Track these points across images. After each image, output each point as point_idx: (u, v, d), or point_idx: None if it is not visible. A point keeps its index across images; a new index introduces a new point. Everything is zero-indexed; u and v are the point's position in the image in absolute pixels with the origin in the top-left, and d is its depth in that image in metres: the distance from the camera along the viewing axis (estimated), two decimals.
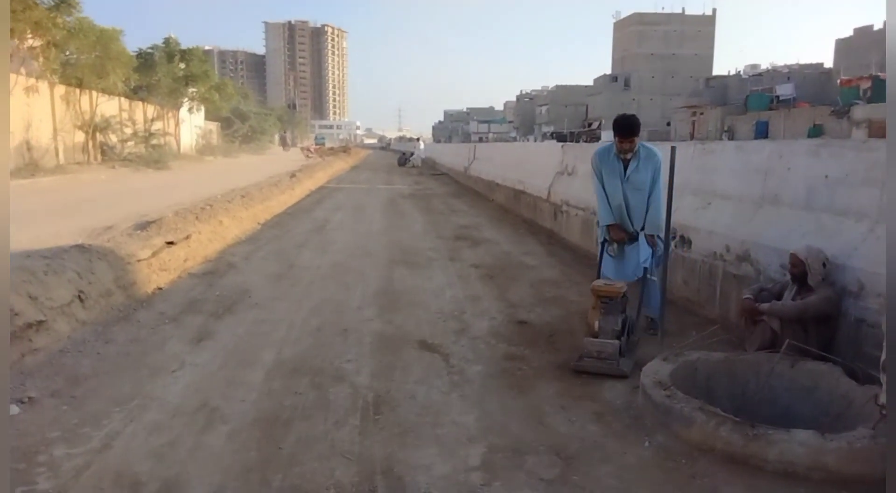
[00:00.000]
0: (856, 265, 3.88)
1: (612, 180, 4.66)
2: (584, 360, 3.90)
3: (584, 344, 3.98)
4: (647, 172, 4.60)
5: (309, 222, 11.26)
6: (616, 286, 4.08)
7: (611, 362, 3.84)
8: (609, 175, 4.67)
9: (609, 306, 4.00)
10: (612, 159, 4.66)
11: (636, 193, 4.63)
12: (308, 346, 4.45)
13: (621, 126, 4.54)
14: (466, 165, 21.87)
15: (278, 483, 2.65)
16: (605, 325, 3.97)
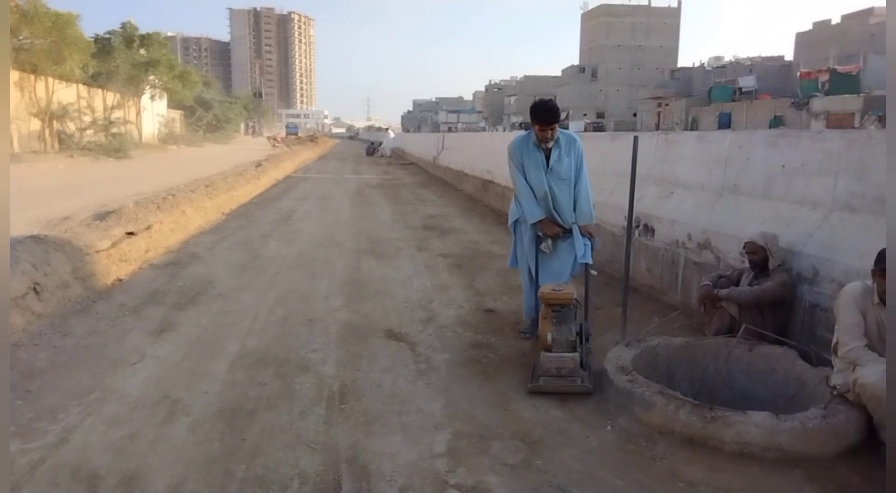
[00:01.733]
0: (811, 252, 3.99)
1: (536, 172, 4.25)
2: (541, 379, 3.48)
3: (539, 361, 3.54)
4: (571, 160, 4.27)
5: (275, 212, 11.11)
6: (566, 292, 3.65)
7: (572, 379, 3.46)
8: (531, 167, 4.26)
9: (561, 314, 3.62)
10: (532, 150, 4.26)
11: (561, 183, 4.26)
12: (273, 336, 4.40)
13: (541, 112, 4.13)
14: (435, 155, 21.83)
15: (242, 474, 2.62)
16: (559, 336, 3.58)
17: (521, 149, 4.29)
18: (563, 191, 4.27)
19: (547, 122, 4.12)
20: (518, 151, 4.29)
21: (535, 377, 3.53)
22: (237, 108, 55.75)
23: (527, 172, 4.27)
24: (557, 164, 4.23)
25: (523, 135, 4.37)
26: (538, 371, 3.52)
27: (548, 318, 3.62)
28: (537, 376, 3.51)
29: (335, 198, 13.76)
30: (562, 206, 4.30)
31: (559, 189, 4.25)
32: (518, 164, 4.29)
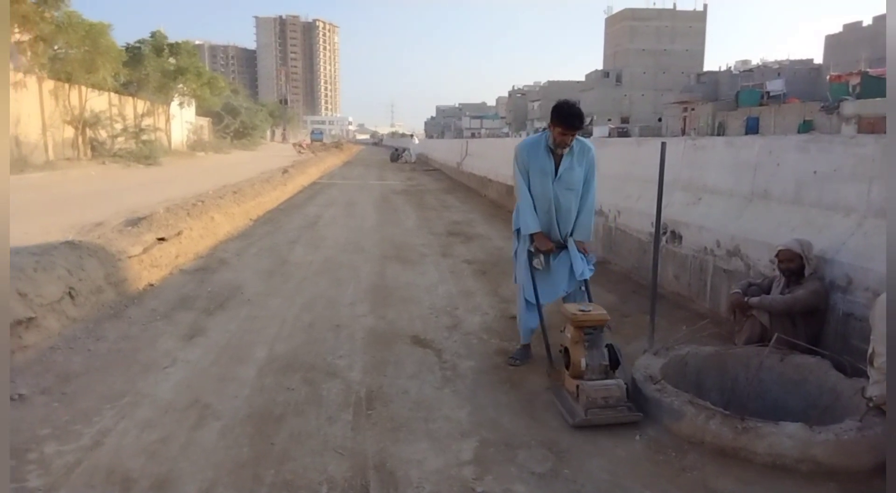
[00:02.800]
0: (844, 260, 3.91)
1: (542, 179, 3.92)
2: (588, 413, 3.13)
3: (581, 391, 3.20)
4: (582, 168, 3.95)
5: (301, 218, 11.23)
6: (599, 313, 3.44)
7: (620, 408, 3.16)
8: (537, 172, 3.93)
9: (593, 337, 3.39)
10: (542, 154, 3.90)
11: (568, 193, 3.94)
12: (300, 342, 4.44)
13: (569, 115, 3.74)
14: (459, 161, 21.86)
15: (270, 479, 2.65)
16: (592, 361, 3.34)
17: (529, 152, 3.95)
18: (569, 201, 3.97)
19: (573, 126, 3.77)
20: (526, 154, 3.95)
21: (574, 410, 3.21)
22: (263, 114, 56.53)
23: (531, 177, 3.95)
24: (567, 172, 3.91)
25: (534, 137, 4.06)
26: (582, 402, 3.17)
27: (579, 342, 3.36)
28: (583, 407, 3.15)
29: (360, 204, 13.86)
30: (565, 218, 4.01)
31: (565, 199, 3.95)
32: (523, 168, 3.96)
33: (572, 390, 3.32)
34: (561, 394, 3.44)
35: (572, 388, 3.32)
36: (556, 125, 3.79)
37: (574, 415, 3.19)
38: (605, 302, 5.68)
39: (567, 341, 3.44)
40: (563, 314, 3.53)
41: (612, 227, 7.63)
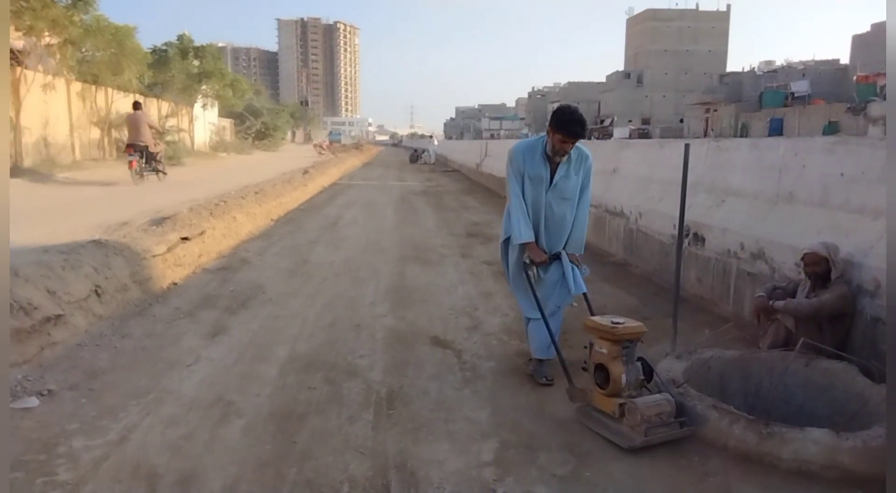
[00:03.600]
0: (872, 264, 3.84)
1: (535, 187, 3.70)
2: (650, 431, 2.93)
3: (630, 411, 2.97)
4: (578, 177, 3.74)
5: (322, 219, 11.31)
6: (638, 325, 3.21)
7: (674, 424, 3.00)
8: (532, 180, 3.71)
9: (630, 351, 3.17)
10: (538, 160, 3.69)
11: (561, 203, 3.74)
12: (322, 341, 4.48)
13: (570, 122, 3.52)
14: (478, 162, 21.86)
15: (293, 477, 2.68)
16: (630, 376, 3.13)
17: (525, 156, 3.71)
18: (562, 211, 3.76)
19: (575, 134, 3.54)
20: (521, 159, 3.71)
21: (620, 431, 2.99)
22: (284, 115, 56.98)
23: (526, 184, 3.72)
24: (563, 181, 3.70)
25: (531, 140, 3.83)
26: (634, 422, 2.95)
27: (618, 357, 3.12)
28: (640, 427, 2.92)
29: (380, 204, 13.92)
30: (557, 228, 3.79)
31: (559, 209, 3.74)
32: (518, 173, 3.72)
33: (611, 410, 3.07)
34: (593, 416, 3.17)
35: (611, 407, 3.07)
36: (557, 132, 3.55)
37: (623, 436, 2.95)
38: (626, 304, 5.66)
39: (602, 357, 3.16)
40: (594, 329, 3.22)
41: (633, 229, 7.58)
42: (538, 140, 3.73)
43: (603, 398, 3.14)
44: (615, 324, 3.15)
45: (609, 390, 3.11)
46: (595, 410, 3.18)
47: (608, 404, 3.11)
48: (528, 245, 3.71)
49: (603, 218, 8.62)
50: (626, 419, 2.99)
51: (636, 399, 3.01)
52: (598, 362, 3.18)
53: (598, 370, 3.18)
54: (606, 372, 3.13)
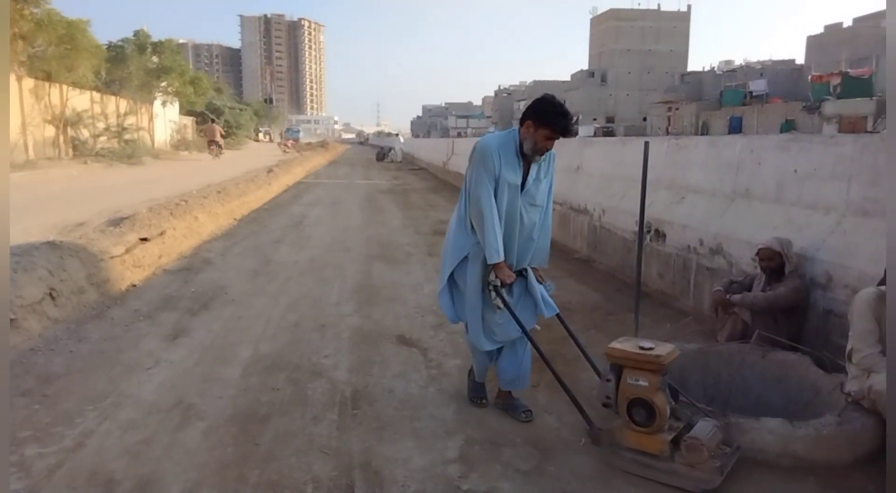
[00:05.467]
0: (824, 257, 3.97)
1: (510, 192, 3.06)
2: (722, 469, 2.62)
3: (694, 448, 2.61)
4: (547, 180, 3.20)
5: (286, 218, 11.18)
6: (672, 347, 2.84)
7: (731, 450, 2.75)
8: (508, 185, 3.04)
9: (665, 378, 2.79)
10: (513, 160, 3.04)
11: (531, 210, 3.15)
12: (285, 342, 4.43)
13: (564, 116, 2.98)
14: (445, 160, 21.88)
15: (255, 479, 2.64)
16: (671, 405, 2.77)
17: (501, 155, 3.02)
18: (534, 220, 3.18)
19: (565, 130, 3.00)
20: (497, 158, 3.00)
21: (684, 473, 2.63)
22: (248, 114, 56.02)
23: (500, 189, 3.02)
24: (535, 185, 3.12)
25: (501, 136, 3.13)
26: (700, 459, 2.60)
27: (661, 389, 2.72)
28: (706, 465, 2.59)
29: (345, 203, 13.82)
30: (526, 241, 3.20)
31: (528, 218, 3.15)
32: (492, 175, 3.00)
33: (658, 449, 2.68)
34: (629, 458, 2.75)
35: (657, 446, 2.68)
36: (542, 127, 2.96)
37: (687, 479, 2.60)
38: (591, 301, 5.73)
39: (641, 390, 2.71)
40: (628, 359, 2.76)
41: (596, 226, 7.68)
42: (509, 136, 3.09)
43: (643, 437, 2.72)
44: (650, 350, 2.73)
45: (654, 428, 2.70)
46: (628, 450, 2.76)
47: (653, 444, 2.69)
48: (496, 265, 3.03)
49: (567, 215, 8.72)
50: (682, 456, 2.64)
51: (693, 433, 2.65)
52: (635, 397, 2.71)
53: (638, 407, 2.72)
54: (649, 407, 2.69)
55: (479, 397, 3.46)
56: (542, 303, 3.23)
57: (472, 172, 3.05)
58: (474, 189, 3.02)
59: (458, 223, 3.18)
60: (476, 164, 3.04)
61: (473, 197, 3.03)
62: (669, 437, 2.68)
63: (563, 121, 2.99)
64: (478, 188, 3.01)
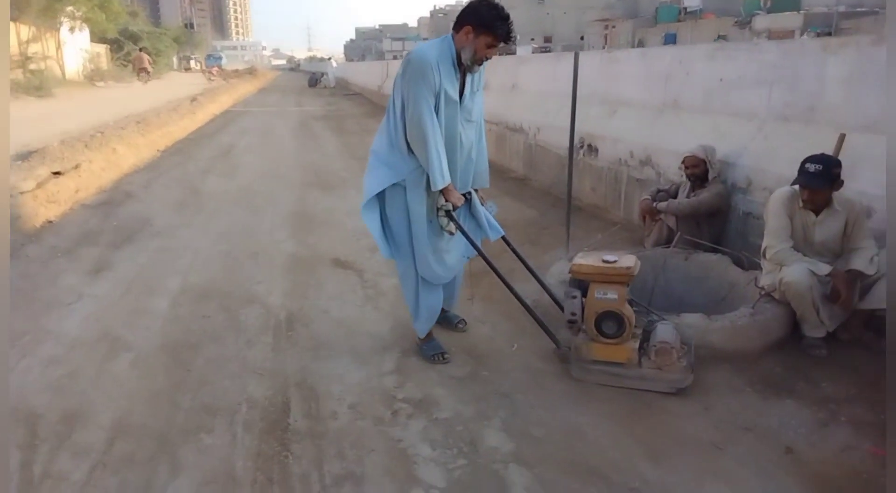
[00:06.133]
0: (745, 163, 4.09)
1: (450, 108, 2.77)
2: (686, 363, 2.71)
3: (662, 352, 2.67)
4: (480, 93, 2.95)
5: (214, 148, 10.70)
6: (634, 257, 2.86)
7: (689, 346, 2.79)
8: (447, 99, 2.74)
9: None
10: (451, 73, 2.73)
11: (468, 127, 2.89)
12: (216, 271, 4.31)
13: (506, 20, 2.73)
14: (380, 84, 21.24)
15: (188, 404, 2.61)
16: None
17: (441, 66, 2.68)
18: (472, 138, 2.94)
19: (508, 36, 2.75)
20: (437, 69, 2.66)
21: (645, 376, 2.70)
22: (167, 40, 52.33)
23: (441, 105, 2.73)
24: (471, 99, 2.86)
25: (436, 44, 2.77)
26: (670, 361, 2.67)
27: (627, 299, 2.78)
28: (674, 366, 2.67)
29: (277, 131, 13.31)
30: (467, 161, 2.96)
31: (467, 135, 2.90)
32: (433, 89, 2.67)
33: (627, 358, 2.71)
34: (598, 371, 2.76)
35: (626, 355, 2.71)
36: (483, 33, 2.68)
37: (659, 381, 2.68)
38: (526, 217, 5.79)
39: (610, 303, 2.71)
40: (598, 274, 2.74)
41: (532, 144, 7.67)
42: (444, 44, 2.75)
43: (610, 349, 2.73)
44: (616, 263, 2.73)
45: (623, 338, 2.72)
46: (596, 363, 2.77)
47: (621, 354, 2.72)
48: (446, 189, 2.78)
49: (504, 135, 8.66)
50: (650, 361, 2.69)
51: (660, 337, 2.70)
52: (604, 311, 2.72)
53: (607, 320, 2.72)
54: (619, 319, 2.71)
55: (440, 353, 3.01)
56: (486, 226, 3.07)
57: (408, 88, 2.68)
58: (414, 107, 2.67)
59: (391, 148, 2.82)
60: (413, 79, 2.67)
61: (413, 116, 2.68)
62: (636, 345, 2.73)
63: (506, 26, 2.74)
64: (418, 106, 2.67)
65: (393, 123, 2.82)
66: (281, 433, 2.39)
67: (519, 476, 2.13)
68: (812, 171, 2.87)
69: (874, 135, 3.28)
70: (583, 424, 2.44)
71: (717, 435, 2.37)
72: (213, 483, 2.10)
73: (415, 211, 2.85)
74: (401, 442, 2.33)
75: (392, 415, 2.51)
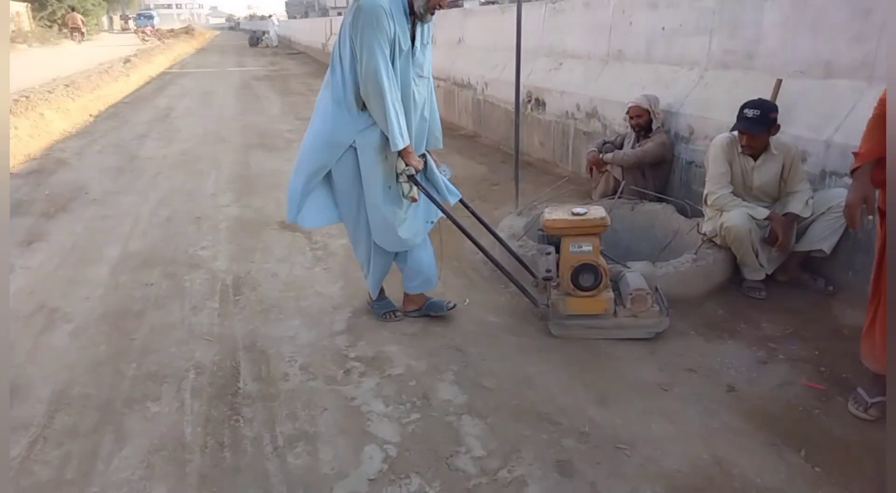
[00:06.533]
0: (687, 112, 4.14)
1: (404, 61, 2.54)
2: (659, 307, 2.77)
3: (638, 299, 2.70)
4: (430, 46, 2.69)
5: (151, 111, 10.22)
6: (603, 209, 2.81)
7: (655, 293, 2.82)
8: (402, 50, 2.51)
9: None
10: (404, 21, 2.51)
11: (420, 83, 2.66)
12: (158, 237, 4.16)
13: None
14: (325, 42, 20.59)
15: (133, 372, 2.53)
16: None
17: (394, 14, 2.45)
18: (424, 95, 2.70)
19: None
20: (391, 17, 2.43)
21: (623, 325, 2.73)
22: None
23: (396, 57, 2.50)
24: (422, 52, 2.62)
25: None
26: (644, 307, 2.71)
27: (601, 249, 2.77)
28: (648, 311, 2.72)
29: (218, 93, 12.80)
30: (421, 119, 2.73)
31: (419, 93, 2.66)
32: (388, 40, 2.45)
33: (604, 308, 2.72)
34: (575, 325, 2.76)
35: (602, 306, 2.72)
36: None
37: (638, 329, 2.72)
38: (476, 173, 5.77)
39: (586, 256, 2.70)
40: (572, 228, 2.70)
41: (480, 99, 7.60)
42: None
43: (586, 302, 2.73)
44: (587, 214, 2.70)
45: (599, 289, 2.72)
46: (571, 317, 2.75)
47: (597, 305, 2.72)
48: (404, 151, 2.56)
49: (452, 91, 8.55)
50: (625, 309, 2.72)
51: (633, 285, 2.71)
52: (581, 263, 2.69)
53: (585, 272, 2.70)
54: (595, 270, 2.69)
55: (392, 311, 2.97)
56: (444, 190, 2.88)
57: (361, 37, 2.42)
58: (368, 58, 2.41)
59: (336, 106, 2.55)
60: (366, 26, 2.41)
61: (369, 68, 2.42)
62: (611, 295, 2.73)
63: None
64: (373, 57, 2.41)
65: (340, 78, 2.53)
66: (231, 398, 2.35)
67: (472, 427, 2.16)
68: (751, 116, 2.93)
69: (809, 80, 3.35)
70: (533, 373, 2.48)
71: (662, 377, 2.45)
72: (162, 451, 2.06)
73: (369, 176, 2.60)
74: (354, 400, 2.32)
75: (344, 374, 2.50)
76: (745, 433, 2.10)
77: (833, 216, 2.91)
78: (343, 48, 2.50)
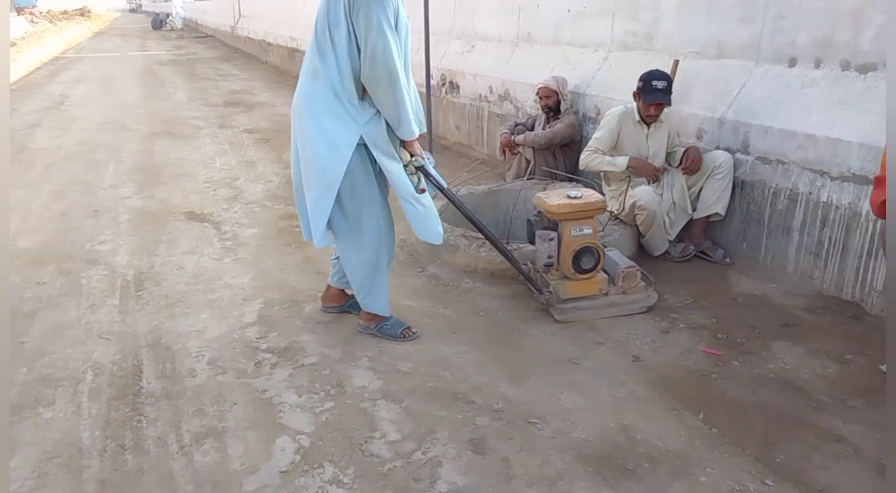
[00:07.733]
0: (594, 92, 4.25)
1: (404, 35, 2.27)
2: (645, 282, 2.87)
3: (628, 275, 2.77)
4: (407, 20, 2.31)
5: (43, 99, 9.52)
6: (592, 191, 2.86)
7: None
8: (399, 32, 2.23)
9: None
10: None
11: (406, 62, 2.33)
12: (51, 233, 3.89)
13: None
14: (233, 25, 19.77)
15: (23, 378, 2.36)
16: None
17: None
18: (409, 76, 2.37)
19: None
20: None
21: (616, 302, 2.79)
22: None
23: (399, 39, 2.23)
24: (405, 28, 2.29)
25: None
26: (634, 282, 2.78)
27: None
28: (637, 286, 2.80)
29: (118, 79, 12.07)
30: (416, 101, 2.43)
31: (407, 73, 2.34)
32: (394, 13, 2.18)
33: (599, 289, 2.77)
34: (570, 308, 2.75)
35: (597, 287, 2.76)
36: None
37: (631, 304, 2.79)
38: None
39: (587, 239, 2.71)
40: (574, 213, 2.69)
41: None
42: None
43: (582, 284, 2.75)
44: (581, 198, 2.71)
45: (595, 271, 2.75)
46: (566, 301, 2.75)
47: (593, 286, 2.75)
48: (411, 141, 2.37)
49: None
50: (615, 287, 2.77)
51: (620, 264, 2.77)
52: (582, 247, 2.70)
53: (586, 255, 2.71)
54: (595, 252, 2.71)
55: (408, 328, 2.64)
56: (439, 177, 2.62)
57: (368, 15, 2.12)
58: (377, 39, 2.12)
59: (336, 98, 2.24)
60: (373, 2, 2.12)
61: (377, 51, 2.12)
62: (605, 275, 2.77)
63: None
64: (382, 37, 2.12)
65: (335, 66, 2.22)
66: (133, 398, 2.23)
67: (387, 411, 2.14)
68: (661, 87, 3.10)
69: (703, 60, 3.51)
70: (449, 354, 2.50)
71: (573, 352, 2.52)
72: (56, 458, 1.93)
73: (394, 168, 2.31)
74: (265, 392, 2.26)
75: (255, 366, 2.42)
76: (649, 400, 2.20)
77: (718, 177, 3.15)
78: (335, 30, 2.19)
